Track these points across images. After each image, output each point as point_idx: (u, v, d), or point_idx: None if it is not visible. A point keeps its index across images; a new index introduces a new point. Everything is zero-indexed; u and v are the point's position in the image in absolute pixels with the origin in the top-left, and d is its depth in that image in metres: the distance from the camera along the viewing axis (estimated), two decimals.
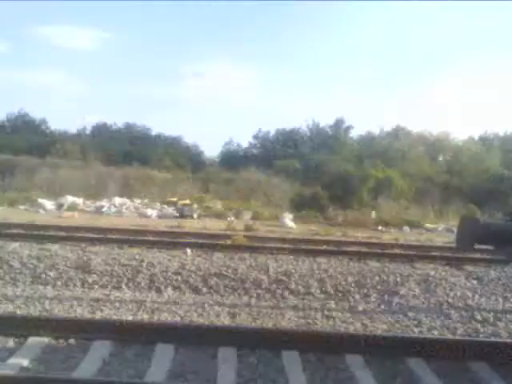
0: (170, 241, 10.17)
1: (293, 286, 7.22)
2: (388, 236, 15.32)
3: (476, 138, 37.96)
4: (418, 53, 54.78)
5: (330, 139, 37.35)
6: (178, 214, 17.97)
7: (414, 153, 33.80)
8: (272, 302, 6.66)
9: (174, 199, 20.27)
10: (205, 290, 6.94)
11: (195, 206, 19.02)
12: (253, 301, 6.63)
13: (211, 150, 51.44)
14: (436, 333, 5.52)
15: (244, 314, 5.97)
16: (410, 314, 6.18)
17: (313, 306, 6.50)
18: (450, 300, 6.91)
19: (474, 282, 8.05)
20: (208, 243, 10.05)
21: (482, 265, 9.41)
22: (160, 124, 65.95)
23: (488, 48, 54.10)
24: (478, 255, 10.44)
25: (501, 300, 7.02)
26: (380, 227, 17.83)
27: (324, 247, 10.82)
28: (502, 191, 26.43)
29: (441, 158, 36.34)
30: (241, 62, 58.99)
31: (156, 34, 57.61)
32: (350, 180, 26.72)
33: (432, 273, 8.36)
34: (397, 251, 10.75)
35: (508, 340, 5.19)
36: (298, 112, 57.66)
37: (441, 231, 17.77)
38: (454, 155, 34.90)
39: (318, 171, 29.24)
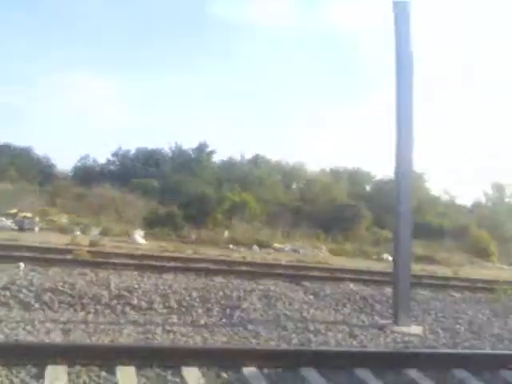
0: (1, 254, 9.28)
1: (135, 302, 6.99)
2: (237, 254, 15.67)
3: (327, 170, 40.74)
4: (275, 83, 56.93)
5: (193, 162, 37.38)
6: (16, 227, 16.53)
7: (271, 180, 35.29)
8: (111, 317, 6.37)
9: (14, 211, 18.63)
10: (37, 305, 6.42)
11: (37, 219, 17.67)
12: (90, 317, 6.28)
13: (67, 164, 47.06)
14: (272, 343, 5.68)
15: (79, 331, 5.61)
16: (250, 327, 6.30)
17: (154, 320, 6.34)
18: (287, 313, 7.21)
19: (311, 296, 8.52)
20: (45, 257, 9.37)
21: (318, 282, 10.01)
22: (11, 135, 59.47)
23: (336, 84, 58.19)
24: (316, 273, 11.14)
25: (333, 312, 7.52)
26: (231, 246, 18.19)
27: (171, 263, 10.69)
28: (345, 218, 28.60)
29: (294, 186, 38.39)
30: (101, 72, 56.07)
31: (11, 40, 52.66)
32: (206, 201, 26.99)
33: (273, 288, 8.68)
34: (243, 268, 11.02)
35: (335, 348, 5.52)
36: (161, 132, 55.76)
37: (287, 251, 18.66)
38: (307, 184, 37.08)
39: (176, 191, 29.10)
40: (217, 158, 39.22)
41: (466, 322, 7.56)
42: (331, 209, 30.52)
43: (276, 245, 19.51)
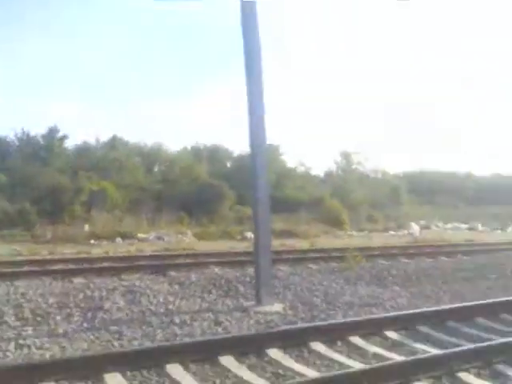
0: None
1: None
2: (99, 250, 15.06)
3: (189, 148, 40.42)
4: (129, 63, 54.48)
5: (43, 150, 34.58)
6: None
7: (130, 163, 34.16)
8: None
9: None
10: None
11: None
12: None
13: None
14: (136, 343, 5.58)
15: None
16: (113, 328, 6.10)
17: (6, 336, 5.87)
18: (152, 308, 7.12)
19: (177, 286, 8.53)
20: None
21: (184, 270, 10.04)
22: None
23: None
24: (182, 261, 11.18)
25: (198, 301, 7.58)
26: (92, 241, 17.45)
27: (25, 268, 9.97)
28: (208, 199, 28.77)
29: (156, 169, 37.64)
30: None
31: None
32: (61, 193, 25.43)
33: (138, 283, 8.54)
34: (105, 265, 10.66)
35: (200, 338, 5.59)
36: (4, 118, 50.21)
37: (152, 240, 18.38)
38: (169, 165, 36.56)
39: (28, 185, 26.91)
40: (70, 144, 36.77)
41: (321, 293, 8.10)
42: (194, 190, 30.51)
43: (140, 235, 19.12)
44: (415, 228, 25.00)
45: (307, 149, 58.69)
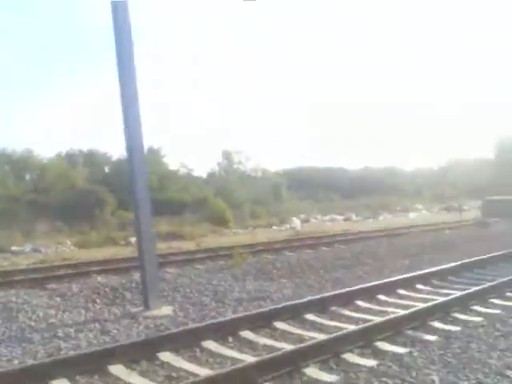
0: None
1: None
2: None
3: (63, 154, 38.45)
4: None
5: None
6: None
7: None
8: None
9: None
10: None
11: None
12: None
13: None
14: (17, 362, 5.21)
15: None
16: None
17: None
18: (32, 323, 6.68)
19: (58, 299, 8.08)
20: None
21: (64, 281, 9.54)
22: None
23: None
24: (62, 272, 10.61)
25: (82, 312, 7.24)
26: None
27: None
28: (88, 206, 27.55)
29: (28, 177, 35.37)
30: None
31: None
32: None
33: (14, 299, 7.97)
34: None
35: (86, 350, 5.35)
36: None
37: (28, 252, 17.17)
38: (41, 173, 34.54)
39: None
40: None
41: (211, 292, 8.14)
42: (71, 197, 29.09)
43: (14, 248, 17.76)
44: (296, 222, 26.02)
45: (189, 151, 58.67)
